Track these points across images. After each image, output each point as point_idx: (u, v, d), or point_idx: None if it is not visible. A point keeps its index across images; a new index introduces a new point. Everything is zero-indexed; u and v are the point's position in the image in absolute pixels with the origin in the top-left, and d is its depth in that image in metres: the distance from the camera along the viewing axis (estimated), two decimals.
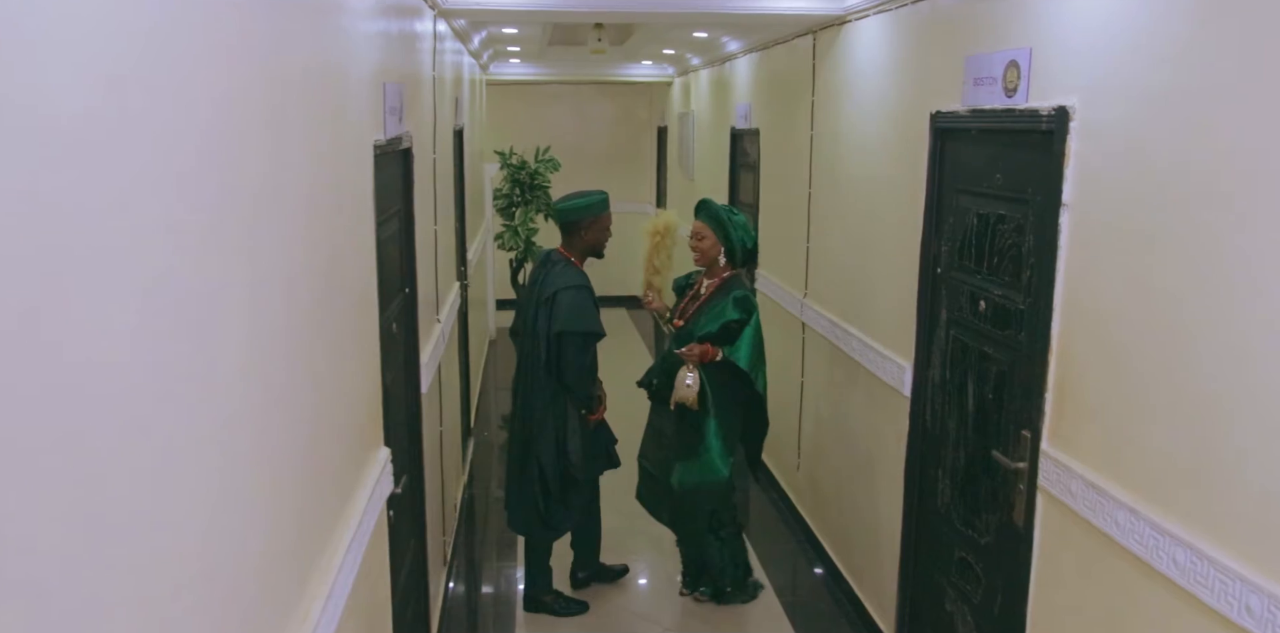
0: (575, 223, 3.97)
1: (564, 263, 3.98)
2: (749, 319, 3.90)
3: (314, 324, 1.83)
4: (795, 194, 5.07)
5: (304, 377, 1.76)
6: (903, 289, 3.59)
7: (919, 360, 3.48)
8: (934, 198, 3.35)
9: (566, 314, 3.84)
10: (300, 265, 1.73)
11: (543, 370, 3.93)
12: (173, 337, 1.16)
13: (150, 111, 1.10)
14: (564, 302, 3.85)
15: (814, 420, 4.88)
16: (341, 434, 2.12)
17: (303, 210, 1.74)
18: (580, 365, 3.88)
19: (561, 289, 3.86)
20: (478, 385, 7.54)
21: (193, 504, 1.23)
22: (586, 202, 4.00)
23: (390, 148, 2.79)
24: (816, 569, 4.66)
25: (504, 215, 9.53)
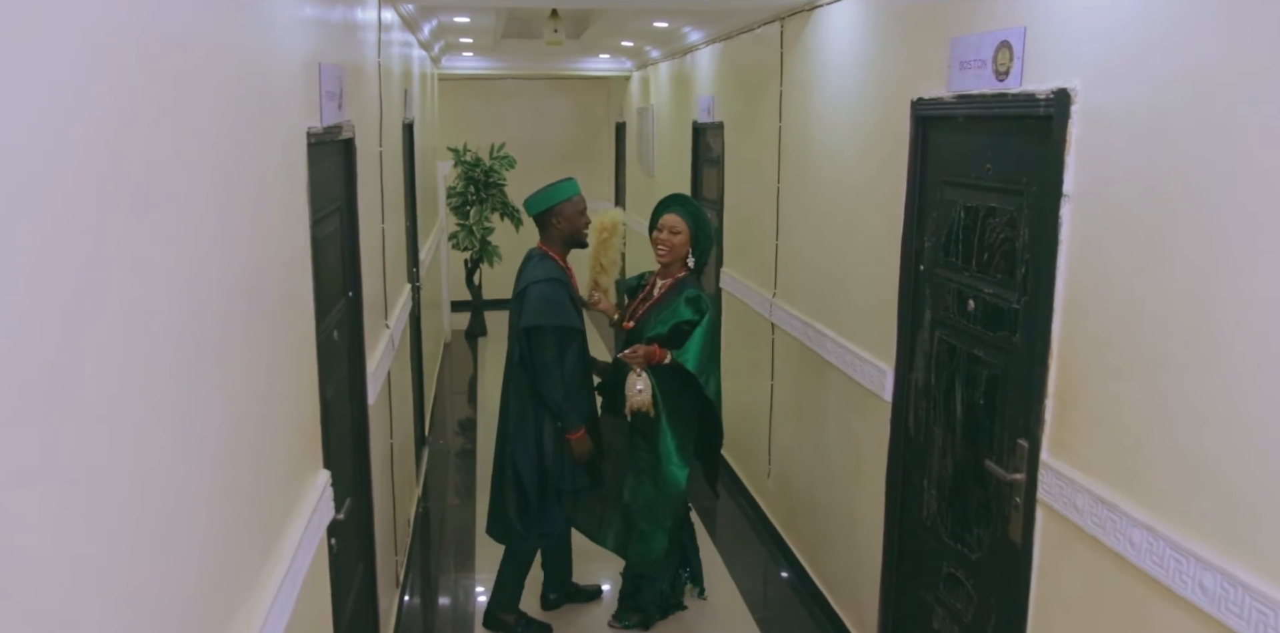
0: (545, 214, 3.77)
1: (540, 257, 3.77)
2: (701, 320, 3.67)
3: (227, 335, 1.57)
4: (763, 189, 4.86)
5: (214, 396, 1.51)
6: (882, 288, 3.39)
7: (901, 364, 3.29)
8: (915, 190, 3.15)
9: (535, 308, 3.62)
10: (207, 268, 1.47)
11: (517, 369, 3.71)
12: (23, 347, 0.91)
13: None
14: (533, 295, 3.63)
15: (785, 425, 4.68)
16: (268, 460, 1.86)
17: (209, 205, 1.48)
18: (547, 364, 3.63)
19: (532, 283, 3.65)
20: (432, 391, 7.25)
21: (63, 561, 0.97)
22: (548, 189, 3.80)
23: (328, 137, 2.53)
24: (789, 580, 4.46)
25: (458, 214, 9.25)
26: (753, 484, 5.25)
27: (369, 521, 3.18)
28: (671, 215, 3.80)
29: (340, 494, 2.57)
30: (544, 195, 3.79)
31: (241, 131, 1.67)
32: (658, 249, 3.81)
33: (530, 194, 3.83)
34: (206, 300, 1.47)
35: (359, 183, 3.12)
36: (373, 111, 3.63)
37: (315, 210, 2.40)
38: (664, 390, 3.65)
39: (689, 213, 3.80)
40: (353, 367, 3.06)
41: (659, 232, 3.81)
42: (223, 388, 1.55)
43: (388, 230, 4.04)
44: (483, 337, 9.60)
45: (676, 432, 3.67)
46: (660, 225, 3.82)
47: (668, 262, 3.81)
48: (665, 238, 3.78)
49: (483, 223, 9.17)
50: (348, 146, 2.98)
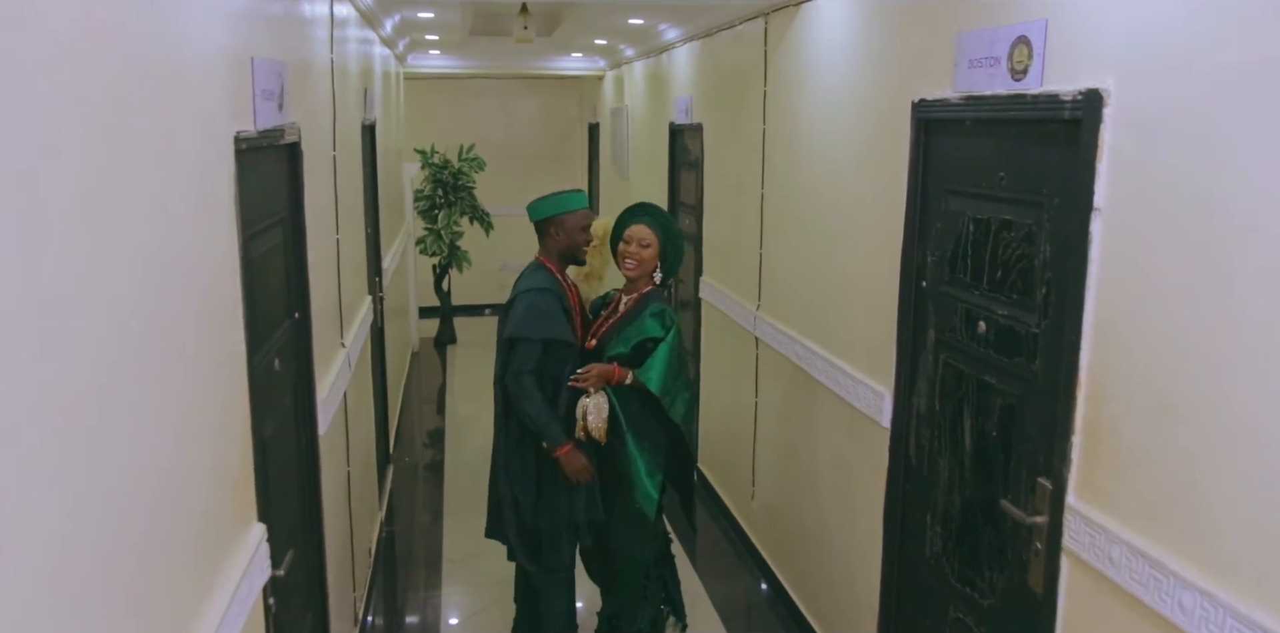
0: (545, 222, 3.50)
1: (535, 268, 3.51)
2: (666, 337, 3.41)
3: (117, 382, 1.28)
4: (746, 195, 4.60)
5: (104, 460, 1.22)
6: (879, 305, 3.14)
7: (900, 387, 3.03)
8: (916, 200, 2.90)
9: (520, 318, 3.34)
10: (85, 302, 1.18)
11: (496, 385, 3.45)
12: None
13: None
14: (520, 306, 3.36)
15: (771, 445, 4.41)
16: (182, 524, 1.57)
17: (79, 227, 1.19)
18: (522, 377, 3.32)
19: (522, 293, 3.38)
20: (398, 403, 6.94)
21: None
22: (553, 197, 3.51)
23: (266, 142, 2.24)
24: (778, 611, 4.19)
25: (426, 218, 8.93)
26: (735, 505, 4.98)
27: (319, 568, 2.89)
28: (640, 227, 3.50)
29: (281, 547, 2.27)
30: (547, 203, 3.51)
31: (131, 135, 1.37)
32: (624, 263, 3.52)
33: (535, 199, 3.54)
34: (80, 343, 1.18)
35: (307, 192, 2.82)
36: (324, 113, 3.34)
37: (249, 225, 2.11)
38: (628, 413, 3.38)
39: (659, 224, 3.52)
40: (300, 396, 2.77)
41: (626, 244, 3.52)
42: (114, 448, 1.26)
43: (344, 241, 3.74)
44: (452, 344, 9.29)
45: (645, 456, 3.40)
46: (627, 237, 3.52)
47: (635, 276, 3.52)
48: (634, 251, 3.48)
49: (451, 227, 8.86)
50: (292, 152, 2.69)
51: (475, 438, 6.71)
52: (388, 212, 6.62)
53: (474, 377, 8.30)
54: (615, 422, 3.39)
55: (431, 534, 5.00)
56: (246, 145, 2.01)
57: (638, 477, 3.39)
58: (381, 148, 6.08)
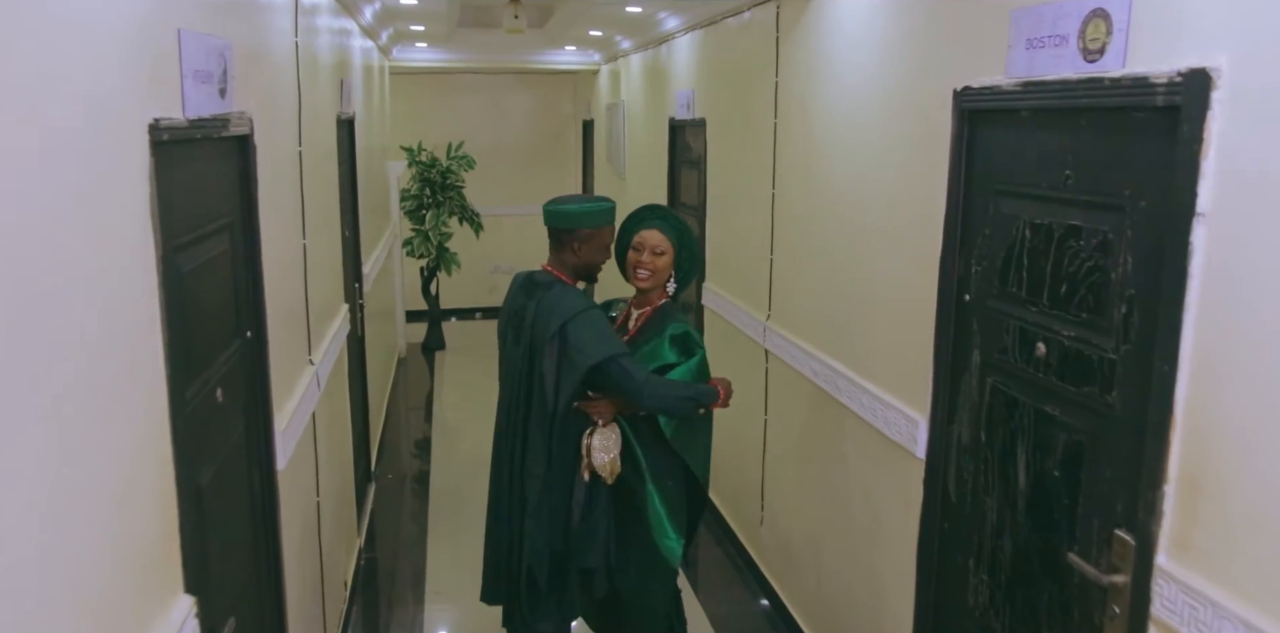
0: (567, 232, 2.98)
1: (557, 285, 2.97)
2: (690, 361, 3.02)
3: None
4: (754, 196, 4.24)
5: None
6: (912, 320, 2.79)
7: (938, 414, 2.68)
8: (958, 202, 2.54)
9: (591, 343, 2.85)
10: None
11: (548, 427, 2.91)
12: None
13: None
14: (578, 331, 2.85)
15: (783, 468, 4.06)
16: (66, 614, 1.21)
17: None
18: (645, 384, 2.88)
19: (570, 319, 2.86)
20: (382, 414, 6.57)
21: None
22: (584, 207, 2.99)
23: (201, 133, 1.88)
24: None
25: (413, 219, 8.56)
26: (743, 530, 4.63)
27: (277, 627, 2.52)
28: (653, 232, 3.11)
29: (220, 614, 1.91)
30: (577, 210, 2.98)
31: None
32: (636, 273, 3.12)
33: (558, 201, 3.02)
34: None
35: (263, 191, 2.46)
36: (287, 104, 2.97)
37: (176, 232, 1.75)
38: (644, 445, 3.01)
39: (673, 229, 3.13)
40: (253, 428, 2.40)
41: (637, 252, 3.12)
42: None
43: (314, 246, 3.38)
44: (441, 350, 8.92)
45: (665, 496, 3.02)
46: (638, 244, 3.12)
47: (648, 287, 3.14)
48: (647, 261, 3.09)
49: (439, 228, 8.49)
50: (242, 146, 2.32)
51: (463, 447, 6.35)
52: (371, 212, 6.25)
53: (463, 383, 7.94)
54: (633, 458, 3.01)
55: (413, 560, 4.63)
56: (170, 136, 1.65)
57: (657, 519, 3.01)
58: (363, 145, 5.71)
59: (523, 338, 2.97)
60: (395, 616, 4.18)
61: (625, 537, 3.04)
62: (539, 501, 2.97)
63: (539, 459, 2.96)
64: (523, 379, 2.97)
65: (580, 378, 2.86)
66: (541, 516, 2.97)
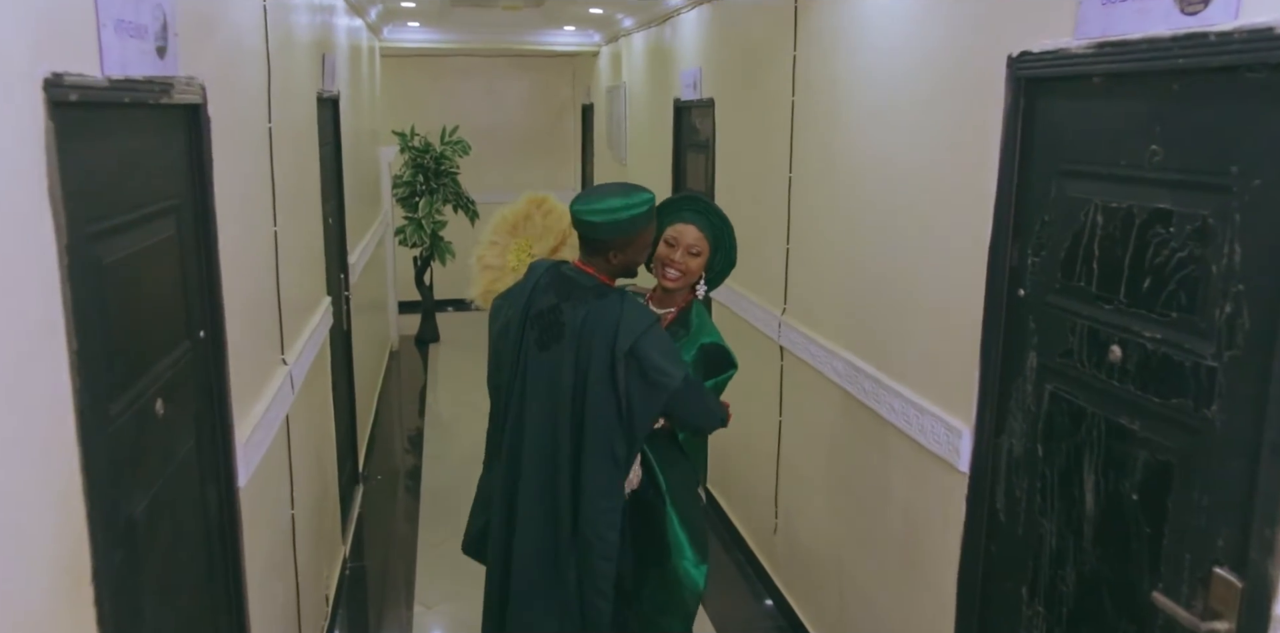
0: (605, 241, 2.54)
1: (611, 292, 2.55)
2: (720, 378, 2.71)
3: None
4: (768, 180, 3.93)
5: None
6: (954, 317, 2.48)
7: (984, 423, 2.38)
8: (1011, 184, 2.24)
9: (672, 365, 2.47)
10: None
11: (621, 457, 2.50)
12: None
13: None
14: (651, 349, 2.46)
15: (799, 472, 3.76)
16: None
17: None
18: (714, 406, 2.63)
19: (640, 339, 2.45)
20: (371, 411, 6.27)
21: None
22: (627, 213, 2.50)
23: (130, 97, 1.57)
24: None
25: (405, 206, 8.24)
26: (754, 537, 4.33)
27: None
28: (690, 229, 2.75)
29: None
30: (622, 219, 2.49)
31: None
32: (666, 272, 2.76)
33: (590, 199, 2.54)
34: None
35: (219, 170, 2.15)
36: (252, 75, 2.66)
37: (97, 216, 1.44)
38: (663, 461, 2.70)
39: (711, 226, 2.78)
40: (207, 441, 2.10)
41: (669, 247, 2.76)
42: None
43: (288, 233, 3.07)
44: (435, 343, 8.61)
45: (686, 517, 2.72)
46: (672, 238, 2.75)
47: (677, 288, 2.80)
48: (680, 260, 2.73)
49: (433, 215, 8.18)
50: (192, 117, 2.01)
51: (457, 443, 6.06)
52: (359, 199, 5.94)
53: (457, 377, 7.65)
54: (649, 474, 2.70)
55: (403, 569, 4.34)
56: (80, 97, 1.34)
57: (676, 541, 2.70)
58: (350, 127, 5.40)
59: (562, 348, 2.51)
60: (395, 611, 3.90)
61: (642, 559, 2.74)
62: (612, 538, 2.53)
63: (608, 492, 2.52)
64: (565, 397, 2.51)
65: (665, 401, 2.48)
66: (613, 555, 2.55)
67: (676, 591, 2.72)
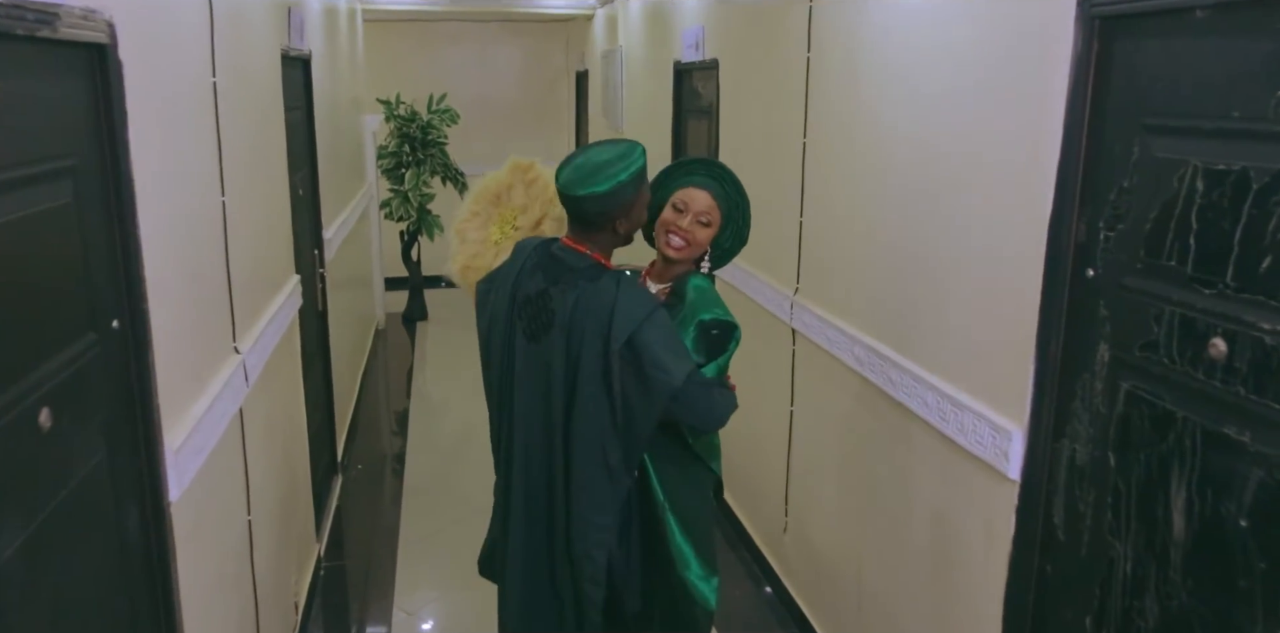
0: (608, 212, 2.20)
1: (604, 273, 2.22)
2: (720, 359, 2.34)
3: None
4: (779, 146, 3.57)
5: None
6: (1003, 299, 2.14)
7: (1040, 424, 2.04)
8: (1078, 143, 1.89)
9: (672, 359, 2.14)
10: None
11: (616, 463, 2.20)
12: None
13: None
14: (651, 340, 2.13)
15: (811, 468, 3.44)
16: None
17: None
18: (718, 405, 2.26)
19: (639, 329, 2.13)
20: (354, 395, 5.94)
21: None
22: (620, 176, 2.17)
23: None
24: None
25: (391, 178, 7.86)
26: (762, 535, 4.02)
27: None
28: (704, 195, 2.40)
29: None
30: (615, 186, 2.16)
31: None
32: (669, 240, 2.42)
33: (576, 167, 2.20)
34: None
35: (139, 128, 1.79)
36: (188, 19, 2.29)
37: None
38: (659, 461, 2.37)
39: (726, 195, 2.43)
40: (124, 453, 1.76)
41: (677, 213, 2.40)
42: None
43: (240, 205, 2.72)
44: (423, 321, 8.27)
45: (690, 526, 2.39)
46: (680, 203, 2.40)
47: (681, 258, 2.44)
48: (688, 228, 2.38)
49: (420, 188, 7.80)
50: (96, 59, 1.65)
51: (444, 428, 5.74)
52: (338, 169, 5.57)
53: (446, 357, 7.32)
54: (641, 476, 2.37)
55: (383, 569, 4.02)
56: None
57: (680, 553, 2.36)
58: (326, 92, 5.02)
59: (551, 339, 2.21)
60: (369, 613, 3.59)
61: (647, 575, 2.41)
62: (600, 560, 2.25)
63: (601, 506, 2.23)
64: (557, 395, 2.21)
65: (665, 401, 2.15)
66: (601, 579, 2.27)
67: (687, 608, 2.39)
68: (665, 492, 2.35)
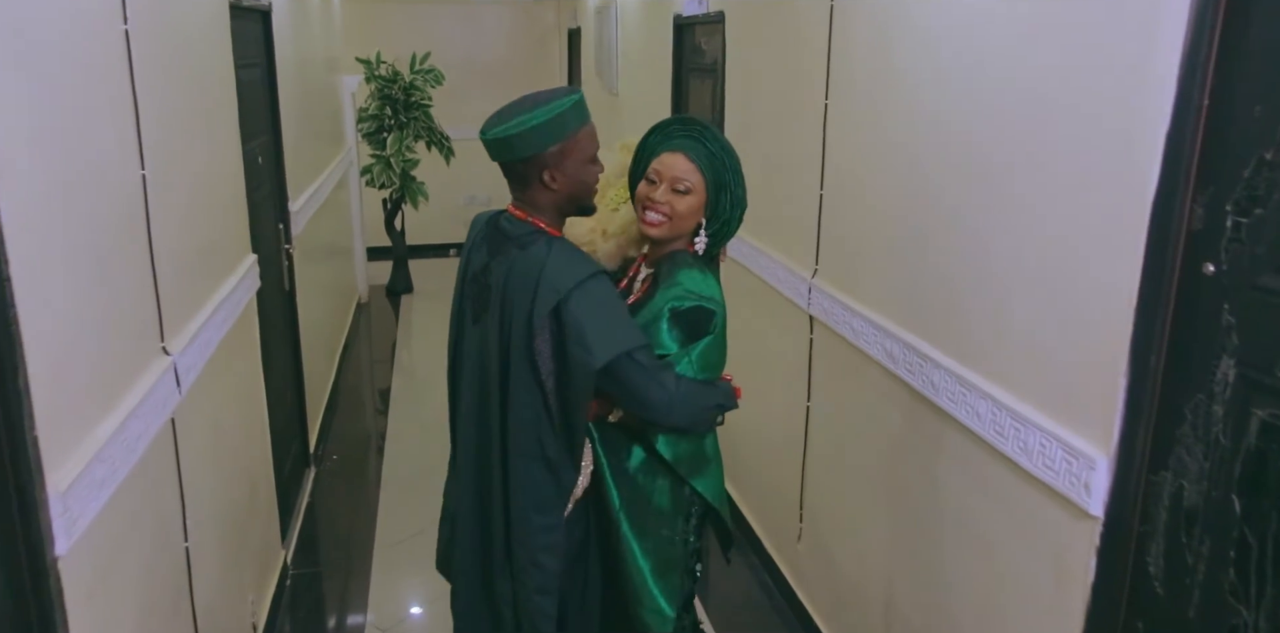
0: (529, 160, 1.95)
1: (539, 238, 1.97)
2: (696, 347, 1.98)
3: None
4: (796, 109, 3.16)
5: None
6: (1086, 294, 1.76)
7: (1133, 452, 1.66)
8: (1195, 107, 1.49)
9: (599, 332, 1.87)
10: None
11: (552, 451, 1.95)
12: None
13: None
14: (579, 311, 1.87)
15: (831, 473, 3.07)
16: None
17: None
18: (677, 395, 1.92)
19: (569, 293, 1.87)
20: (331, 377, 5.56)
21: None
22: (535, 117, 1.90)
23: None
24: None
25: (372, 143, 7.41)
26: (773, 541, 3.66)
27: None
28: (678, 158, 2.05)
29: None
30: (525, 130, 1.90)
31: None
32: (645, 215, 2.08)
33: (499, 117, 1.96)
34: None
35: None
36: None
37: None
38: (618, 474, 2.03)
39: (709, 154, 2.05)
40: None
41: (650, 184, 2.08)
42: None
43: (166, 178, 2.31)
44: (408, 294, 7.87)
45: (651, 547, 2.04)
46: (655, 174, 2.07)
47: (660, 236, 2.09)
48: (662, 200, 2.04)
49: (403, 153, 7.35)
50: None
51: (429, 412, 5.36)
52: (309, 134, 5.14)
53: (432, 331, 6.93)
54: (601, 486, 2.05)
55: (355, 578, 3.66)
56: None
57: (637, 577, 2.04)
58: (292, 49, 4.58)
59: (488, 317, 2.00)
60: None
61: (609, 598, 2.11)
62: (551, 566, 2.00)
63: (542, 505, 1.98)
64: (493, 382, 2.00)
65: (591, 385, 1.89)
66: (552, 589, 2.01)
67: None
68: (622, 503, 2.03)
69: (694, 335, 1.99)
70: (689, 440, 2.07)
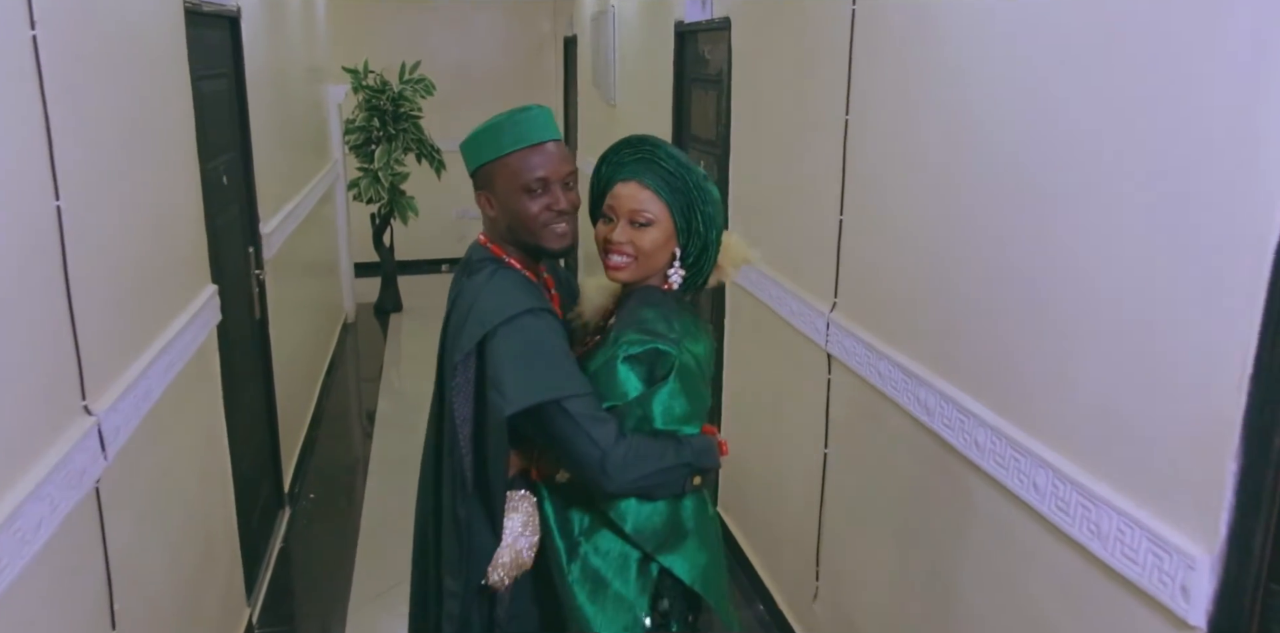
0: (472, 177, 1.85)
1: (489, 266, 1.81)
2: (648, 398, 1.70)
3: None
4: (811, 125, 2.86)
5: None
6: (1171, 353, 1.45)
7: (1244, 551, 1.36)
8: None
9: (517, 374, 1.65)
10: None
11: (449, 525, 1.79)
12: None
13: None
14: (506, 351, 1.67)
15: (852, 527, 2.76)
16: None
17: None
18: (612, 450, 1.64)
19: (497, 328, 1.67)
20: (311, 404, 5.25)
21: None
22: (480, 128, 1.82)
23: None
24: None
25: (360, 155, 7.12)
26: (785, 596, 3.34)
27: None
28: (630, 187, 1.79)
29: None
30: (469, 137, 1.84)
31: None
32: (608, 259, 1.81)
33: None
34: None
35: None
36: None
37: None
38: (565, 536, 1.78)
39: (667, 181, 1.77)
40: None
41: (605, 221, 1.84)
42: None
43: (92, 208, 2.01)
44: (397, 312, 7.56)
45: (607, 612, 1.74)
46: (611, 210, 1.82)
47: (630, 278, 1.81)
48: (622, 237, 1.78)
49: (392, 166, 7.07)
50: None
51: (417, 436, 5.03)
52: (288, 148, 4.85)
53: (422, 352, 6.60)
54: (550, 550, 1.78)
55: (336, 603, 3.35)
56: None
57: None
58: (268, 58, 4.30)
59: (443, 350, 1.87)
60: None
61: None
62: None
63: (454, 569, 1.80)
64: (433, 423, 1.91)
65: (504, 435, 1.69)
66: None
67: None
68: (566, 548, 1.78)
69: (645, 376, 1.71)
70: (657, 508, 1.74)
